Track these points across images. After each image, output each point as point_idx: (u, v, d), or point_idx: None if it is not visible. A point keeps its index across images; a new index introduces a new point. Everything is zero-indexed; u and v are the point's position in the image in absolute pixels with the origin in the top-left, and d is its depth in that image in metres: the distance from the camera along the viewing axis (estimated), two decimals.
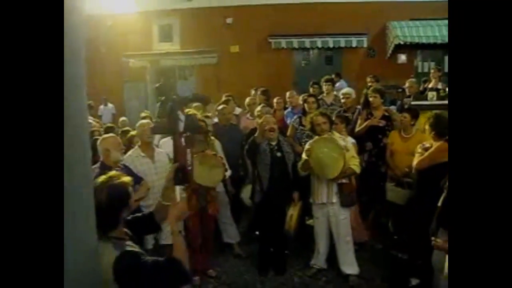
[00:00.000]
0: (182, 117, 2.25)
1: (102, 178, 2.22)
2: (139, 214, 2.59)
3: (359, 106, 6.21)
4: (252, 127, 5.72)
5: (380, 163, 5.51)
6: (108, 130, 6.13)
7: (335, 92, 7.17)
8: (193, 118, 2.58)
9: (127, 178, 2.28)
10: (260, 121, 4.87)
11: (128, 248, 2.11)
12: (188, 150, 2.44)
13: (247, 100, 6.97)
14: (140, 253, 2.13)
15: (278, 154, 4.75)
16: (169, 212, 2.25)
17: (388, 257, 5.04)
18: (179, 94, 2.51)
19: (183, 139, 2.32)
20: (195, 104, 5.74)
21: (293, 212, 4.68)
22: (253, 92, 7.86)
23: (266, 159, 4.71)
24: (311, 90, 7.55)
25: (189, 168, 2.43)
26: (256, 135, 4.75)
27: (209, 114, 5.86)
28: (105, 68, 12.65)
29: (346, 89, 6.66)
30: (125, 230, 2.25)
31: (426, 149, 4.05)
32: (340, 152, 4.30)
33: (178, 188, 2.30)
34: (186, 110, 2.49)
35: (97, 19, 12.13)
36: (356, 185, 4.78)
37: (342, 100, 6.38)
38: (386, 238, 5.44)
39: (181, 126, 2.26)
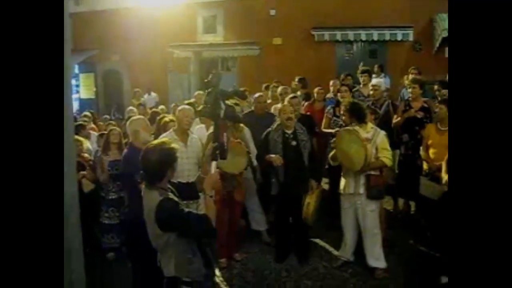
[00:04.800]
0: (223, 106, 2.79)
1: (156, 141, 2.73)
2: (184, 181, 3.33)
3: (389, 100, 6.05)
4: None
5: (416, 156, 5.38)
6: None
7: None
8: (232, 109, 3.05)
9: (175, 145, 2.72)
10: (279, 109, 4.86)
11: (170, 196, 2.58)
12: (225, 134, 2.91)
13: (279, 89, 6.34)
14: (178, 202, 2.60)
15: (293, 143, 4.70)
16: (205, 181, 2.70)
17: (419, 254, 4.90)
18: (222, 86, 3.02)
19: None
20: None
21: (309, 200, 4.65)
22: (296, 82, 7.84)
23: (278, 149, 4.65)
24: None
25: (225, 147, 2.92)
26: (274, 126, 4.79)
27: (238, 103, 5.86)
28: (150, 58, 13.02)
29: (376, 80, 6.52)
30: (169, 186, 2.69)
31: None
32: (360, 143, 4.23)
33: (214, 164, 2.75)
34: (227, 101, 2.97)
35: (144, 11, 12.47)
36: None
37: (371, 92, 6.14)
38: (418, 234, 5.27)
39: (222, 113, 2.79)
